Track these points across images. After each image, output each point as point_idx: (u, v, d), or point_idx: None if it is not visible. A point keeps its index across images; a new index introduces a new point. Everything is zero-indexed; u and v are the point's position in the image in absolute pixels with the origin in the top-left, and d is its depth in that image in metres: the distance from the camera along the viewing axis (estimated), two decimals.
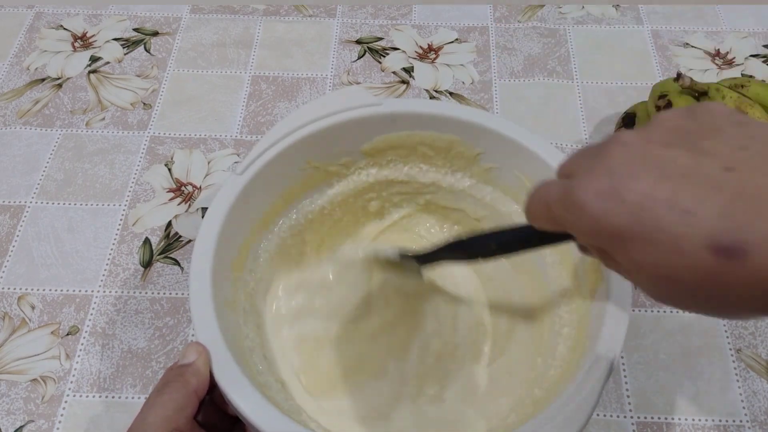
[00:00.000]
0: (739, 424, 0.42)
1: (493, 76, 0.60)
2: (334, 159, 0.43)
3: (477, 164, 0.43)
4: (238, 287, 0.39)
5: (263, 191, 0.40)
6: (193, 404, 0.31)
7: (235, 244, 0.39)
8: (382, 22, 0.64)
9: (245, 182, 0.38)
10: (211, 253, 0.36)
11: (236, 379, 0.32)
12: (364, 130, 0.42)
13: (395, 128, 0.42)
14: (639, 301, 0.46)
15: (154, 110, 0.57)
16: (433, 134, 0.42)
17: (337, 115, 0.41)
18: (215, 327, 0.33)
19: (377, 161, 0.44)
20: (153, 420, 0.30)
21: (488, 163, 0.43)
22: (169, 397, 0.30)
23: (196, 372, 0.31)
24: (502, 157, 0.42)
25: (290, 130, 0.40)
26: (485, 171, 0.43)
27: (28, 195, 0.52)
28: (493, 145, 0.42)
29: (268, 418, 0.30)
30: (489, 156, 0.42)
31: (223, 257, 0.37)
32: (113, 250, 0.49)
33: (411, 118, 0.42)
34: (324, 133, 0.41)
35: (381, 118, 0.42)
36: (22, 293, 0.47)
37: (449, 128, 0.42)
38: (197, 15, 0.65)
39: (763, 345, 0.45)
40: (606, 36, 0.63)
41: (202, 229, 0.36)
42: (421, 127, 0.42)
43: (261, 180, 0.39)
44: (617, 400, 0.43)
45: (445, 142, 0.43)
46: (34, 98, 0.58)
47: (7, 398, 0.42)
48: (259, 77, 0.60)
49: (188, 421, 0.31)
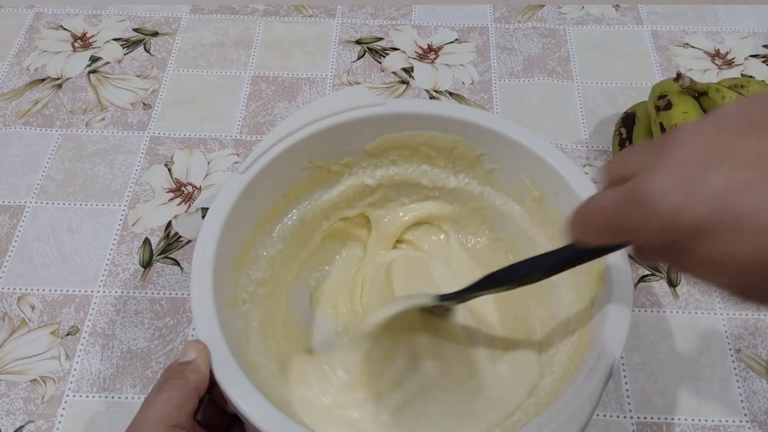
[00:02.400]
0: (739, 424, 0.42)
1: (492, 76, 0.60)
2: (336, 159, 0.43)
3: (479, 165, 0.43)
4: (240, 286, 0.39)
5: (265, 190, 0.40)
6: (193, 401, 0.31)
7: (237, 243, 0.39)
8: (381, 23, 0.64)
9: (248, 181, 0.38)
10: (213, 251, 0.36)
11: (236, 378, 0.32)
12: (366, 130, 0.42)
13: (398, 128, 0.42)
14: (639, 301, 0.46)
15: (154, 110, 0.57)
16: (436, 135, 0.42)
17: (340, 114, 0.41)
18: (216, 325, 0.33)
19: (380, 161, 0.44)
20: (153, 416, 0.30)
21: (491, 164, 0.43)
22: (169, 394, 0.30)
23: (196, 369, 0.31)
24: (505, 159, 0.42)
25: (293, 129, 0.40)
26: (488, 172, 0.43)
27: (27, 195, 0.52)
28: (496, 147, 0.41)
29: (267, 416, 0.30)
30: (491, 157, 0.42)
31: (224, 256, 0.37)
32: (113, 250, 0.49)
33: (414, 118, 0.42)
34: (327, 133, 0.41)
35: (384, 118, 0.42)
36: (22, 293, 0.47)
37: (452, 129, 0.42)
38: (197, 15, 0.65)
39: (763, 345, 0.45)
40: (606, 36, 0.63)
41: (204, 227, 0.36)
42: (424, 127, 0.42)
43: (263, 179, 0.39)
44: (617, 400, 0.42)
45: (448, 143, 0.43)
46: (33, 98, 0.58)
47: (7, 398, 0.42)
48: (259, 77, 0.60)
49: (188, 418, 0.31)
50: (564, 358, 0.36)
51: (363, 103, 0.41)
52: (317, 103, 0.41)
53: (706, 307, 0.46)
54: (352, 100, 0.41)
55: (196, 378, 0.31)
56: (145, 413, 0.30)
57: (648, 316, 0.46)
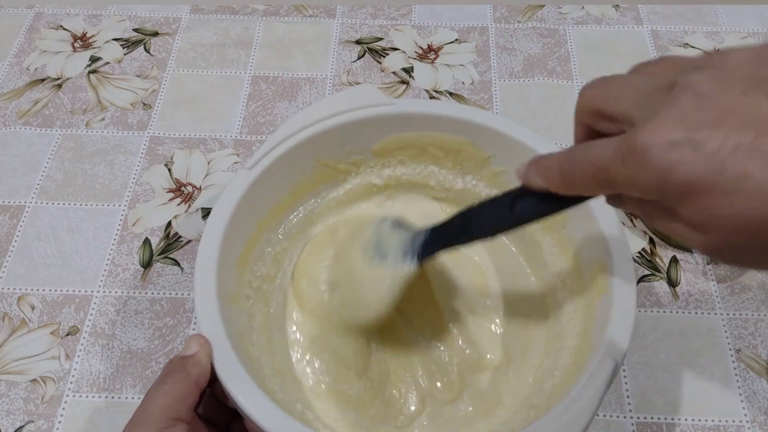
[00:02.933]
0: (739, 424, 0.42)
1: (493, 76, 0.60)
2: (343, 157, 0.43)
3: (487, 167, 0.43)
4: (244, 282, 0.39)
5: (272, 187, 0.40)
6: (194, 395, 0.31)
7: (242, 239, 0.39)
8: (381, 23, 0.64)
9: (254, 177, 0.39)
10: (218, 246, 0.36)
11: (237, 373, 0.32)
12: (374, 129, 0.42)
13: (406, 128, 0.42)
14: (639, 301, 0.46)
15: (154, 110, 0.57)
16: (444, 136, 0.42)
17: (348, 113, 0.41)
18: (218, 320, 0.33)
19: (387, 161, 0.44)
20: (154, 409, 0.30)
21: (498, 166, 0.43)
22: (170, 387, 0.31)
23: (197, 363, 0.31)
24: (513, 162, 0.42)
25: (301, 127, 0.40)
26: (495, 175, 0.43)
27: (27, 195, 0.52)
28: (504, 149, 0.41)
29: (267, 412, 0.31)
30: (499, 160, 0.42)
31: (229, 251, 0.37)
32: (113, 250, 0.49)
33: (422, 119, 0.42)
34: (334, 132, 0.41)
35: (392, 118, 0.42)
36: (22, 293, 0.47)
37: (461, 130, 0.42)
38: (197, 15, 0.65)
39: (763, 345, 0.45)
40: (606, 36, 0.63)
41: (210, 221, 0.37)
42: (433, 128, 0.42)
43: (270, 175, 0.39)
44: (617, 400, 0.42)
45: (456, 144, 0.43)
46: (33, 98, 0.58)
47: (7, 398, 0.42)
48: (259, 77, 0.60)
49: (189, 411, 0.31)
50: (567, 362, 0.36)
51: (371, 103, 0.41)
52: (325, 102, 0.41)
53: (706, 307, 0.46)
54: (361, 99, 0.41)
55: (197, 372, 0.31)
56: (145, 406, 0.30)
57: (648, 316, 0.46)
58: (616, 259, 0.35)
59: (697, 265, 0.48)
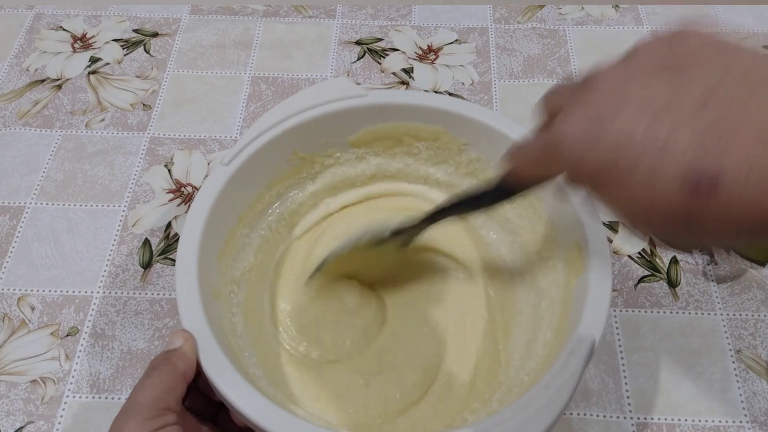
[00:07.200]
0: (739, 425, 0.42)
1: (492, 76, 0.60)
2: (320, 150, 0.44)
3: (463, 155, 0.44)
4: (226, 276, 0.39)
5: (250, 181, 0.41)
6: (182, 386, 0.32)
7: (222, 234, 0.39)
8: (381, 23, 0.64)
9: (232, 172, 0.39)
10: (198, 242, 0.36)
11: (221, 365, 0.32)
12: (350, 121, 0.43)
13: (381, 119, 0.43)
14: (639, 302, 0.46)
15: (154, 111, 0.57)
16: (419, 125, 0.43)
17: (324, 106, 0.42)
18: (201, 315, 0.34)
19: (364, 152, 0.45)
20: (142, 400, 0.30)
21: (474, 153, 0.43)
22: (158, 380, 0.31)
23: (182, 356, 0.32)
24: (488, 148, 0.42)
25: (277, 121, 0.41)
26: (471, 161, 0.44)
27: (27, 196, 0.52)
28: (479, 136, 0.42)
29: (252, 402, 0.31)
30: (475, 147, 0.43)
31: (209, 246, 0.37)
32: (113, 251, 0.49)
33: (396, 108, 0.43)
34: (310, 124, 0.41)
35: (366, 108, 0.42)
36: (22, 294, 0.47)
37: (435, 119, 0.43)
38: (197, 16, 0.65)
39: (763, 346, 0.45)
40: (606, 37, 0.63)
41: (189, 218, 0.37)
42: (407, 118, 0.43)
43: (247, 170, 0.40)
44: (617, 400, 0.42)
45: (432, 133, 0.43)
46: (33, 99, 0.58)
47: (7, 399, 0.42)
48: (259, 78, 0.60)
49: (177, 402, 0.31)
50: (548, 339, 0.37)
51: (346, 95, 0.42)
52: (300, 95, 0.42)
53: (706, 308, 0.46)
54: (335, 91, 0.42)
55: (183, 364, 0.32)
56: (134, 398, 0.30)
57: (648, 316, 0.46)
58: (591, 241, 0.36)
59: (697, 266, 0.48)
